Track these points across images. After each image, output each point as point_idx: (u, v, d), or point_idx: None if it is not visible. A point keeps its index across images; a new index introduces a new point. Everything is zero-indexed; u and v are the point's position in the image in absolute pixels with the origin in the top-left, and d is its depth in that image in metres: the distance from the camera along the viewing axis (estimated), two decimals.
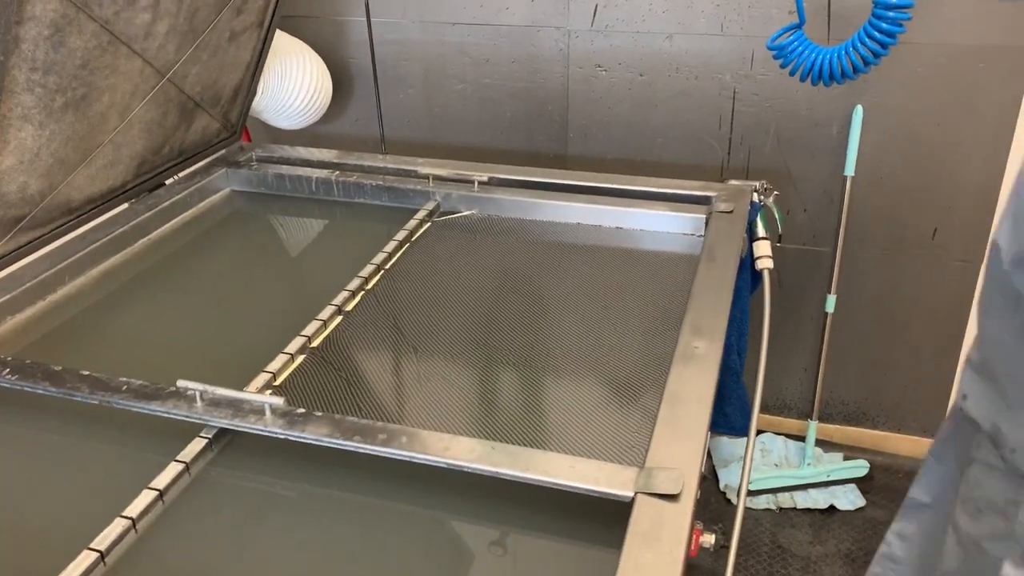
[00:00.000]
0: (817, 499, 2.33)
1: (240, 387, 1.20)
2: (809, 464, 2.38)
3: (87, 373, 1.22)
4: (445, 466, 1.05)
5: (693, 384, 1.17)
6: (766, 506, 2.33)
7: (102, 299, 1.56)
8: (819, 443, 2.46)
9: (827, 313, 2.30)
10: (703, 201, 1.75)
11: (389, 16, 2.33)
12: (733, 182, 1.84)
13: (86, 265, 1.60)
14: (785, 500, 2.34)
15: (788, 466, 2.42)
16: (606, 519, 1.02)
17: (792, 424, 2.54)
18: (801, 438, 2.45)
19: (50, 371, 1.23)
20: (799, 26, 1.71)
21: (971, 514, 1.26)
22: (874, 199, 2.21)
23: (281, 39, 2.13)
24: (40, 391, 1.21)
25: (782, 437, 2.51)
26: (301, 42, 2.26)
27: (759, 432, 2.53)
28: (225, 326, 1.50)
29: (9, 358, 1.27)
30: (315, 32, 2.39)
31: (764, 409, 2.56)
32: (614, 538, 1.00)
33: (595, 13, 2.21)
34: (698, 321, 1.31)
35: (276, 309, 1.58)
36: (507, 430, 1.17)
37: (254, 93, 2.04)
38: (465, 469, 1.04)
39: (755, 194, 1.78)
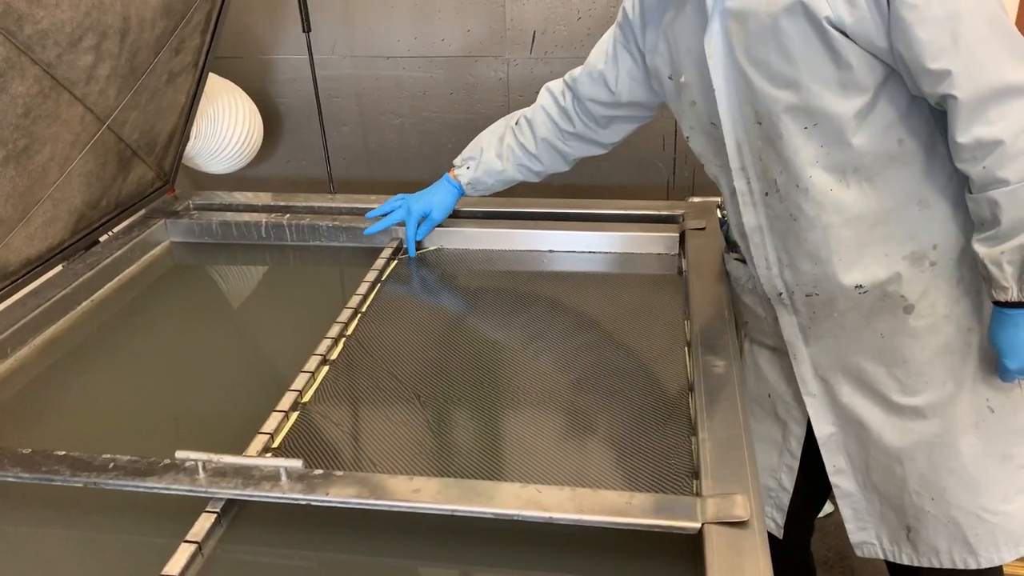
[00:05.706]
0: None
1: (236, 453, 1.09)
2: None
3: (63, 453, 1.08)
4: (492, 516, 0.97)
5: (723, 405, 1.14)
6: None
7: (52, 371, 1.41)
8: None
9: None
10: (672, 220, 1.74)
11: (319, 52, 2.24)
12: (695, 199, 1.84)
13: (28, 334, 1.44)
14: None
15: None
16: (662, 554, 0.98)
17: None
18: None
19: (19, 455, 1.09)
20: None
21: None
22: None
23: (211, 81, 2.02)
24: (11, 479, 1.07)
25: None
26: (230, 83, 2.15)
27: None
28: (202, 389, 1.38)
29: None
30: (241, 72, 2.28)
31: None
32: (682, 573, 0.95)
33: (533, 40, 2.19)
34: (710, 339, 1.28)
35: (251, 365, 1.47)
36: (539, 471, 1.10)
37: (187, 138, 1.92)
38: (514, 517, 0.97)
39: (719, 210, 1.78)
